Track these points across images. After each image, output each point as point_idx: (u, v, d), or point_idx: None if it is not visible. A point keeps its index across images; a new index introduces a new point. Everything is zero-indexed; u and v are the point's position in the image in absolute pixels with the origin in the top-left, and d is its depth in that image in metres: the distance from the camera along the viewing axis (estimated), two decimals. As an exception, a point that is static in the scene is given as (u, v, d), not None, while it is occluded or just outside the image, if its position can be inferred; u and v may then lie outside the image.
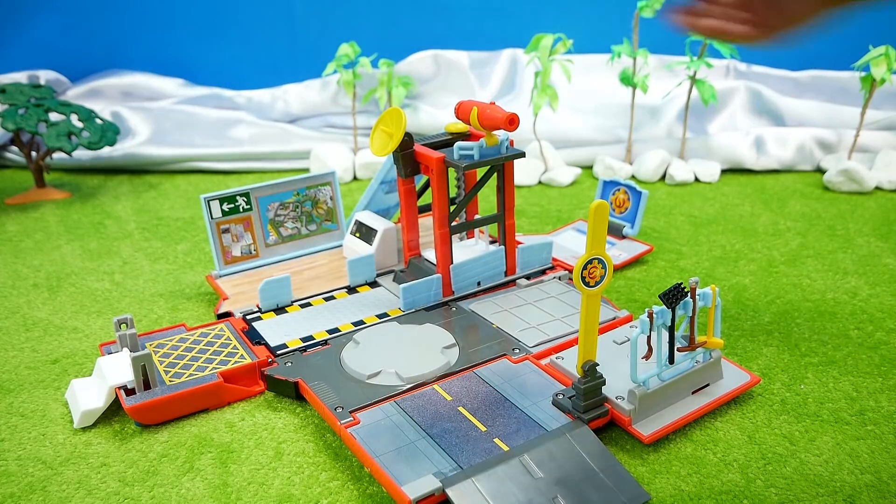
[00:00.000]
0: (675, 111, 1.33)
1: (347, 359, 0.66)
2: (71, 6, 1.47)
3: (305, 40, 1.49)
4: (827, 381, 0.65)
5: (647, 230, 1.00)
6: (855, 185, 1.14)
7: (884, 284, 0.83)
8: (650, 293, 0.82)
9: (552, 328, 0.70)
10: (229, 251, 0.83)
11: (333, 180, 0.88)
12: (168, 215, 1.11)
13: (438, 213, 0.74)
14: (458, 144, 0.73)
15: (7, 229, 1.07)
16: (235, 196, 0.82)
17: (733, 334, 0.73)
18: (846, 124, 1.29)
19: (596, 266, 0.53)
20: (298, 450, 0.58)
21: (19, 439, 0.60)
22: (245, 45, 1.50)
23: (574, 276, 0.53)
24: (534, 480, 0.51)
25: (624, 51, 1.18)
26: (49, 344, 0.75)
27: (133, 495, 0.53)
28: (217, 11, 1.48)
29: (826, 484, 0.52)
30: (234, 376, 0.64)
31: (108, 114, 1.38)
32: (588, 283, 0.53)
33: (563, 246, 0.91)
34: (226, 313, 0.76)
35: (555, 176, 1.21)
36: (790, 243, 0.95)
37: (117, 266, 0.93)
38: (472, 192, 0.78)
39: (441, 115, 1.34)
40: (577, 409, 0.56)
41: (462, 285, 0.78)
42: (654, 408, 0.58)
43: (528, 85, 1.38)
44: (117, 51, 1.51)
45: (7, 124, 1.13)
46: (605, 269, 0.54)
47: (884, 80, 1.10)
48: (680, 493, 0.52)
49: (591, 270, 0.53)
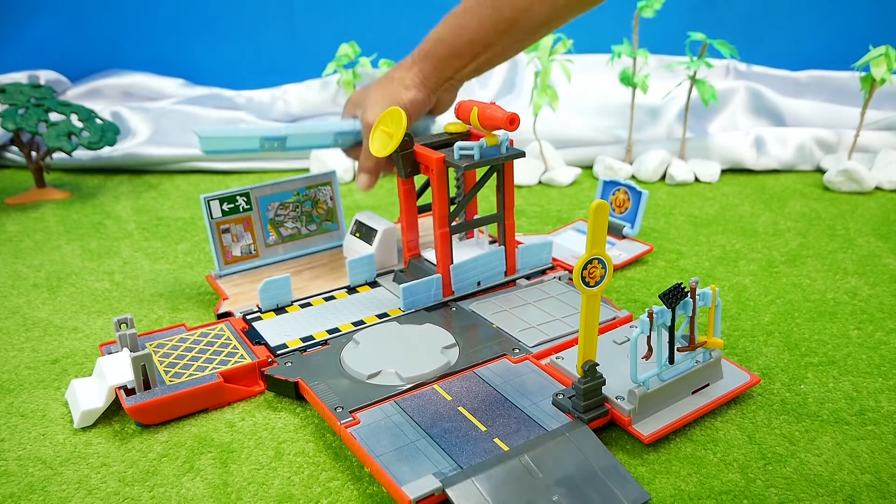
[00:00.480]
0: (675, 111, 1.33)
1: (347, 359, 0.66)
2: (71, 6, 1.47)
3: (305, 40, 1.49)
4: (827, 381, 0.65)
5: (647, 230, 1.00)
6: (855, 185, 1.14)
7: (884, 284, 0.83)
8: (650, 293, 0.82)
9: (552, 328, 0.70)
10: (229, 251, 0.83)
11: (333, 180, 0.88)
12: (168, 215, 1.11)
13: (438, 213, 0.74)
14: (459, 144, 0.73)
15: (7, 229, 1.07)
16: (235, 196, 0.82)
17: (733, 334, 0.73)
18: (846, 124, 1.29)
19: (596, 266, 0.53)
20: (298, 450, 0.58)
21: (19, 439, 0.60)
22: (245, 45, 1.50)
23: (574, 276, 0.53)
24: (534, 480, 0.51)
25: (624, 51, 1.18)
26: (49, 344, 0.75)
27: (133, 495, 0.53)
28: (217, 11, 1.48)
29: (826, 484, 0.52)
30: (234, 376, 0.64)
31: (108, 114, 1.38)
32: (588, 283, 0.53)
33: (563, 246, 0.91)
34: (226, 313, 0.76)
35: (555, 176, 1.21)
36: (790, 243, 0.95)
37: (117, 266, 0.93)
38: (472, 193, 0.78)
39: (441, 114, 1.34)
40: (577, 409, 0.56)
41: (462, 285, 0.78)
42: (654, 408, 0.58)
43: (528, 85, 1.38)
44: (117, 51, 1.51)
45: (7, 124, 1.13)
46: (605, 269, 0.54)
47: (884, 80, 1.10)
48: (680, 493, 0.52)
49: (591, 270, 0.53)
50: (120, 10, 1.48)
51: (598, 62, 1.39)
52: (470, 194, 0.78)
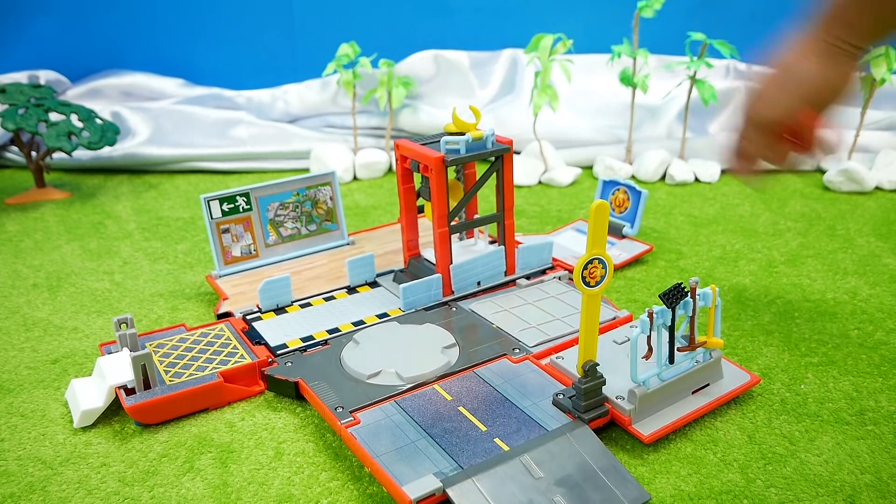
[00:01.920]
0: (675, 111, 1.33)
1: (347, 359, 0.66)
2: (71, 6, 1.47)
3: (305, 40, 1.49)
4: (827, 381, 0.65)
5: (647, 230, 1.00)
6: (855, 185, 1.14)
7: (884, 284, 0.83)
8: (650, 293, 0.82)
9: (552, 328, 0.70)
10: (229, 251, 0.83)
11: (333, 180, 0.88)
12: (168, 215, 1.11)
13: (437, 213, 0.74)
14: (445, 139, 0.73)
15: (7, 229, 1.07)
16: (235, 196, 0.82)
17: (733, 334, 0.73)
18: (846, 124, 1.29)
19: (596, 266, 0.53)
20: (298, 450, 0.58)
21: (19, 439, 0.60)
22: (245, 45, 1.50)
23: (574, 276, 0.53)
24: (534, 480, 0.51)
25: (624, 51, 1.18)
26: (49, 344, 0.75)
27: (133, 495, 0.53)
28: (217, 11, 1.48)
29: (826, 484, 0.52)
30: (234, 376, 0.64)
31: (108, 114, 1.38)
32: (588, 283, 0.53)
33: (563, 246, 0.91)
34: (226, 313, 0.76)
35: (555, 176, 1.21)
36: (790, 243, 0.95)
37: (117, 266, 0.93)
38: (472, 192, 0.78)
39: (441, 114, 1.34)
40: (578, 409, 0.56)
41: (462, 285, 0.78)
42: (654, 408, 0.58)
43: (528, 85, 1.38)
44: (117, 51, 1.51)
45: (7, 124, 1.13)
46: (606, 270, 0.54)
47: (884, 80, 1.10)
48: (680, 493, 0.52)
49: (591, 270, 0.53)
50: (120, 10, 1.47)
51: (598, 62, 1.39)
52: (469, 194, 0.78)
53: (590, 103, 1.36)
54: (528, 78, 1.39)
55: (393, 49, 1.39)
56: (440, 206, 0.73)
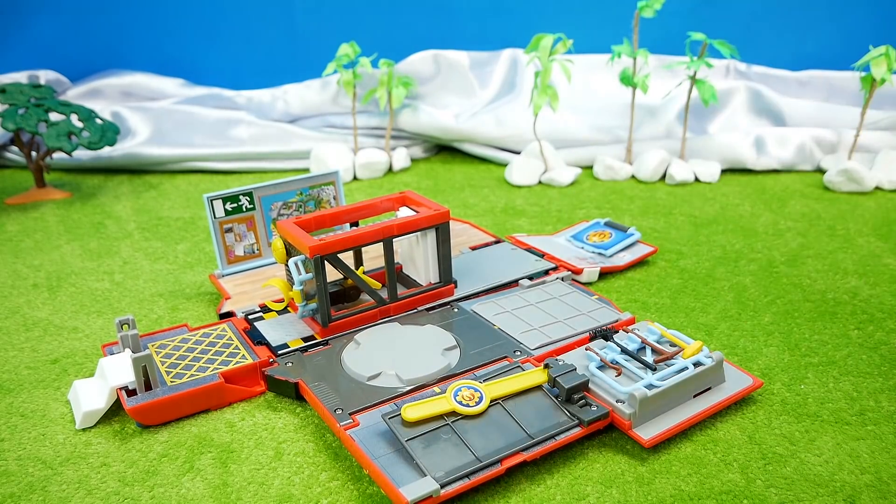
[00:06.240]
0: (675, 111, 1.33)
1: (348, 360, 0.66)
2: (71, 6, 1.47)
3: (305, 40, 1.49)
4: (827, 381, 0.65)
5: (647, 230, 1.00)
6: (855, 185, 1.14)
7: (884, 284, 0.83)
8: (650, 293, 0.82)
9: (554, 330, 0.70)
10: (232, 250, 0.83)
11: (337, 180, 0.88)
12: (168, 215, 1.11)
13: None
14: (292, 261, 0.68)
15: (7, 229, 1.07)
16: (238, 195, 0.82)
17: (733, 334, 0.73)
18: (846, 124, 1.29)
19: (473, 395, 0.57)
20: (298, 450, 0.58)
21: (19, 439, 0.60)
22: (245, 45, 1.50)
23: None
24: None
25: (624, 51, 1.18)
26: (49, 344, 0.75)
27: (133, 495, 0.53)
28: (217, 11, 1.48)
29: (826, 484, 0.52)
30: (236, 377, 0.64)
31: (108, 114, 1.38)
32: (467, 405, 0.56)
33: (565, 246, 0.91)
34: (228, 313, 0.76)
35: (555, 176, 1.21)
36: (790, 243, 0.95)
37: (117, 266, 0.93)
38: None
39: (441, 115, 1.34)
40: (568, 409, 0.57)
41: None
42: (654, 412, 0.58)
43: (528, 85, 1.38)
44: (117, 51, 1.51)
45: (7, 124, 1.13)
46: (481, 392, 0.57)
47: (884, 80, 1.10)
48: (680, 493, 0.52)
49: (464, 393, 0.57)
50: (120, 10, 1.48)
51: (598, 62, 1.39)
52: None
53: (590, 103, 1.36)
54: (528, 78, 1.39)
55: (393, 49, 1.39)
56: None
